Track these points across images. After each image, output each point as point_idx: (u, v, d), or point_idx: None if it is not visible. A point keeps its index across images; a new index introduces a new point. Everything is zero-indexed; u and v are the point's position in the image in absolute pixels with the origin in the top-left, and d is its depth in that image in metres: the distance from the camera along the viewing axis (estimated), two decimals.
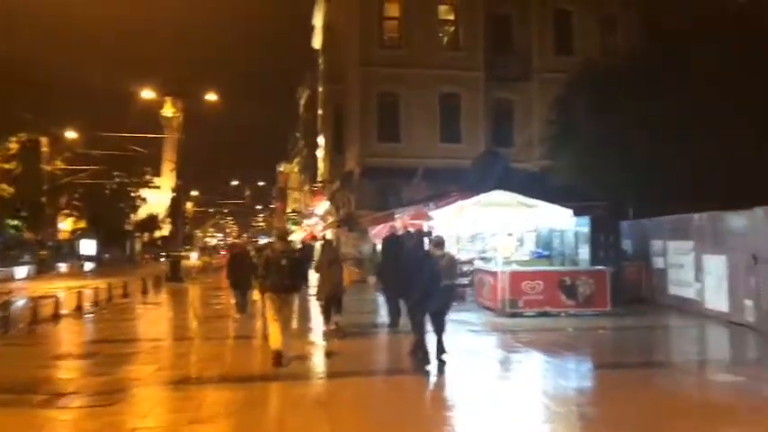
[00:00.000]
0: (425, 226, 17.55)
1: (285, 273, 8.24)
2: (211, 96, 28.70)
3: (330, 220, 36.34)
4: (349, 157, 29.84)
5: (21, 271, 33.09)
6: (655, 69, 16.55)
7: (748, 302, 10.90)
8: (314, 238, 35.50)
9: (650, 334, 11.32)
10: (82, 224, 56.19)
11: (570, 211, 12.70)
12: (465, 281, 16.42)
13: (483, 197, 13.04)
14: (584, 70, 19.46)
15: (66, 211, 53.40)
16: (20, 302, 14.77)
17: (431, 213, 14.14)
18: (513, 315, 12.55)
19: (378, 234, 19.87)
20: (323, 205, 39.32)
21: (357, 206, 27.47)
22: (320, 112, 40.56)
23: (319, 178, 40.48)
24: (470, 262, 16.60)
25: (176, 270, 27.67)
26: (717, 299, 11.98)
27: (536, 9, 28.68)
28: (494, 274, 13.18)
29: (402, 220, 18.23)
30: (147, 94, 28.88)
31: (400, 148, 27.35)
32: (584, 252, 16.15)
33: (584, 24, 28.48)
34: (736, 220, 11.42)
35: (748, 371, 7.98)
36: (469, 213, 12.67)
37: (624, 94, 16.74)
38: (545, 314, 12.60)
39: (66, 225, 55.61)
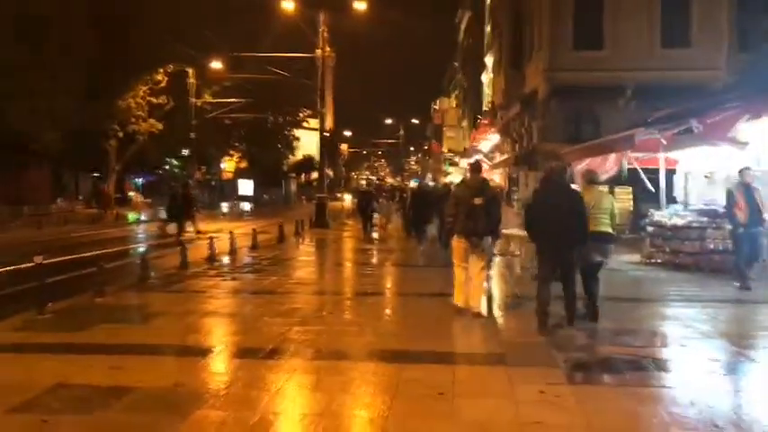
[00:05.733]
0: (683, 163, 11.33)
1: (477, 214, 7.01)
2: (360, 5, 23.92)
3: (500, 157, 30.02)
4: (531, 74, 23.37)
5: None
6: None
7: None
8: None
9: None
10: (243, 164, 55.64)
11: None
12: None
13: None
14: None
15: (231, 153, 52.81)
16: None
17: (740, 126, 7.81)
18: None
19: (587, 171, 13.71)
20: (490, 140, 32.62)
21: (542, 137, 21.27)
22: (488, 29, 34.12)
23: (485, 108, 34.25)
24: None
25: (322, 214, 24.21)
26: None
27: None
28: None
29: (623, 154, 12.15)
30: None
31: (603, 58, 20.41)
32: None
33: None
34: None
35: None
36: None
37: None
38: None
39: (226, 165, 55.28)
